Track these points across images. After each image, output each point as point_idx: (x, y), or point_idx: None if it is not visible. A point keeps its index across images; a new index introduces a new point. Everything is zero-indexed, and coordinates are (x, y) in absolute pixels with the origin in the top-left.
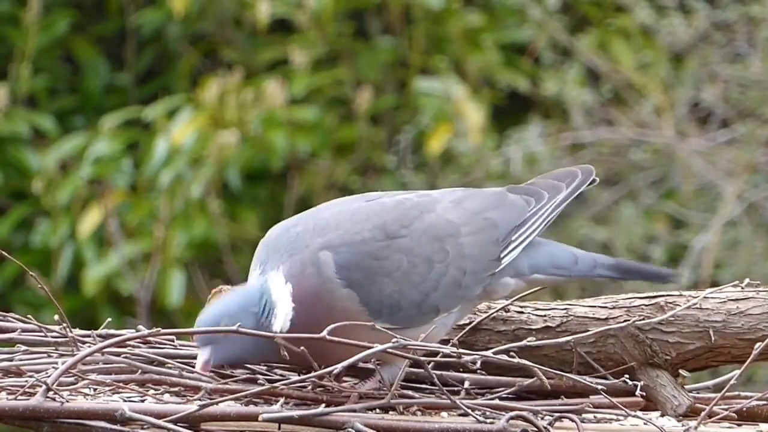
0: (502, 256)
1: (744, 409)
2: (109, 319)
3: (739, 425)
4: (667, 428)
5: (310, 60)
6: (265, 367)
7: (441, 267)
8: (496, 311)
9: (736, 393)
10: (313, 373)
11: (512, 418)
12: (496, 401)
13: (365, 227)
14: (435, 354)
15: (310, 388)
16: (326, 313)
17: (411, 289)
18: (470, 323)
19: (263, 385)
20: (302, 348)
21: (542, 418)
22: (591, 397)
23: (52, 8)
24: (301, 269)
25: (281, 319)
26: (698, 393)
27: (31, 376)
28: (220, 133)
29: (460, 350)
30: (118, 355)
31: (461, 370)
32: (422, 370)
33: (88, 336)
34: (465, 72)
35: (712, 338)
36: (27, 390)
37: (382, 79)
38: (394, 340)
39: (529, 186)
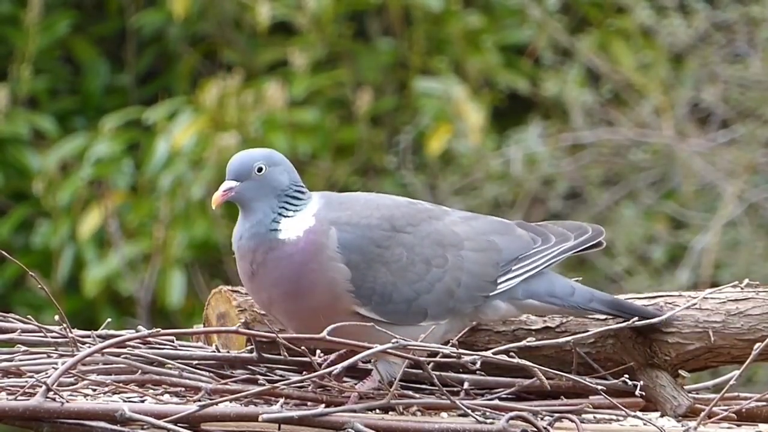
0: (499, 281)
1: (743, 409)
2: (109, 320)
3: (738, 425)
4: (666, 428)
5: (310, 61)
6: (264, 368)
7: (438, 272)
8: None
9: (736, 393)
10: (313, 374)
11: (512, 418)
12: (496, 401)
13: (374, 214)
14: (435, 354)
15: (310, 388)
16: (315, 271)
17: (405, 284)
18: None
19: (263, 385)
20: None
21: (542, 419)
22: (591, 397)
23: (52, 9)
24: (321, 222)
25: (291, 230)
26: (698, 393)
27: (31, 377)
28: (220, 136)
29: (460, 350)
30: (117, 355)
31: (461, 370)
32: (422, 371)
33: (88, 336)
34: (465, 73)
35: (712, 339)
36: (27, 390)
37: (382, 80)
38: (393, 340)
39: (538, 226)
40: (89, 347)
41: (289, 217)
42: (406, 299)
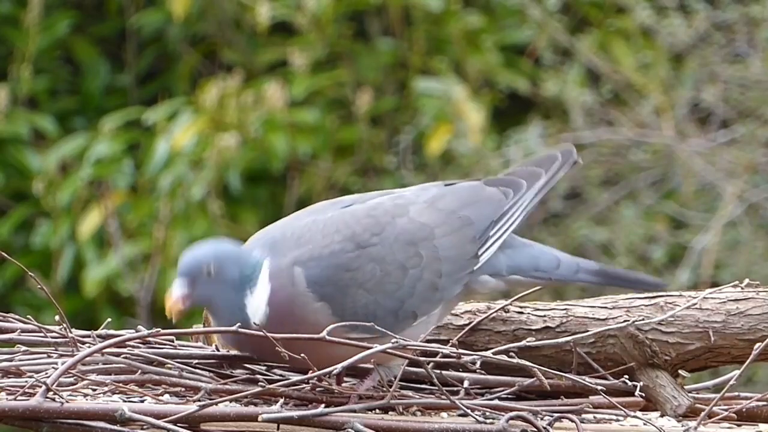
0: (479, 253)
1: (744, 409)
2: (109, 320)
3: (738, 426)
4: (666, 428)
5: (310, 62)
6: (264, 368)
7: (416, 272)
8: (496, 311)
9: (736, 393)
10: (312, 374)
11: (512, 418)
12: (496, 401)
13: (335, 239)
14: (434, 354)
15: (309, 388)
16: (297, 324)
17: (386, 298)
18: (470, 323)
19: (263, 385)
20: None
21: (542, 419)
22: (591, 397)
23: (52, 9)
24: (277, 277)
25: (257, 309)
26: (698, 393)
27: (30, 377)
28: (220, 136)
29: (460, 350)
30: (117, 355)
31: (461, 370)
32: (422, 370)
33: (88, 336)
34: (465, 73)
35: (712, 339)
36: (27, 390)
37: (382, 80)
38: (393, 340)
39: (507, 177)
40: (89, 347)
41: (251, 294)
42: (390, 311)
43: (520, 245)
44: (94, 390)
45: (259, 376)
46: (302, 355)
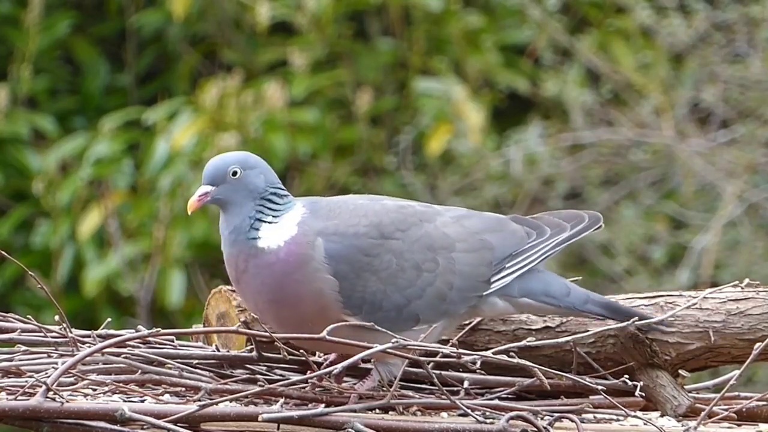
0: (492, 280)
1: (744, 409)
2: (109, 320)
3: (738, 425)
4: (667, 428)
5: (310, 62)
6: (264, 368)
7: (429, 276)
8: None
9: (736, 393)
10: (313, 374)
11: (512, 418)
12: (496, 401)
13: (362, 222)
14: (435, 354)
15: (309, 388)
16: (301, 282)
17: (395, 291)
18: (470, 323)
19: (263, 385)
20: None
21: (542, 418)
22: (591, 397)
23: (52, 9)
24: (305, 232)
25: (272, 238)
26: (698, 393)
27: (31, 377)
28: (220, 136)
29: (460, 350)
30: (117, 355)
31: (461, 370)
32: (422, 370)
33: (88, 336)
34: (465, 73)
35: (712, 338)
36: (27, 390)
37: (382, 80)
38: (393, 340)
39: (534, 219)
40: (89, 347)
41: (268, 222)
42: (396, 306)
43: (533, 270)
44: (95, 390)
45: (259, 376)
46: (300, 351)
